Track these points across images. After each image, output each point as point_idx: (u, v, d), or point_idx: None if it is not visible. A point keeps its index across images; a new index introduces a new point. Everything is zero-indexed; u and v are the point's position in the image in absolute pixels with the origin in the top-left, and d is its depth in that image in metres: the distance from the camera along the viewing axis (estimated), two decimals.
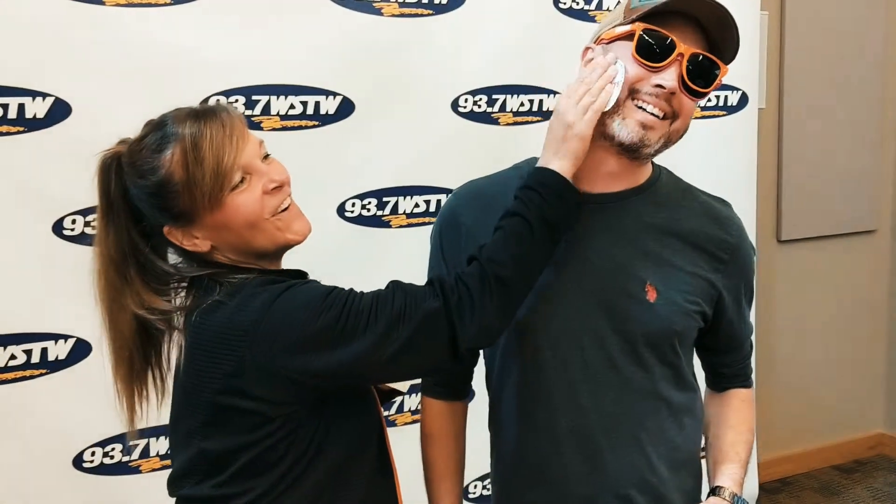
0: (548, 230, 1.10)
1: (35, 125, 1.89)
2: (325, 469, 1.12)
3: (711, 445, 1.32)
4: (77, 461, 2.02)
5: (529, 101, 2.41)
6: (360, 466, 1.17)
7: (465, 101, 2.33)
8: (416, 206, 2.32)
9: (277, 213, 1.13)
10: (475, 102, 2.34)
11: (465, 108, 2.33)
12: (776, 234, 3.27)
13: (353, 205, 2.25)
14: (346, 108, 2.19)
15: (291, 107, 2.13)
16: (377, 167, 2.26)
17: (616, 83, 1.13)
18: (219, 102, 2.02)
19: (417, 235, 2.28)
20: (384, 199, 2.28)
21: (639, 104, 1.13)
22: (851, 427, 3.56)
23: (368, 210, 2.27)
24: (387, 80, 2.23)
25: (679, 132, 1.17)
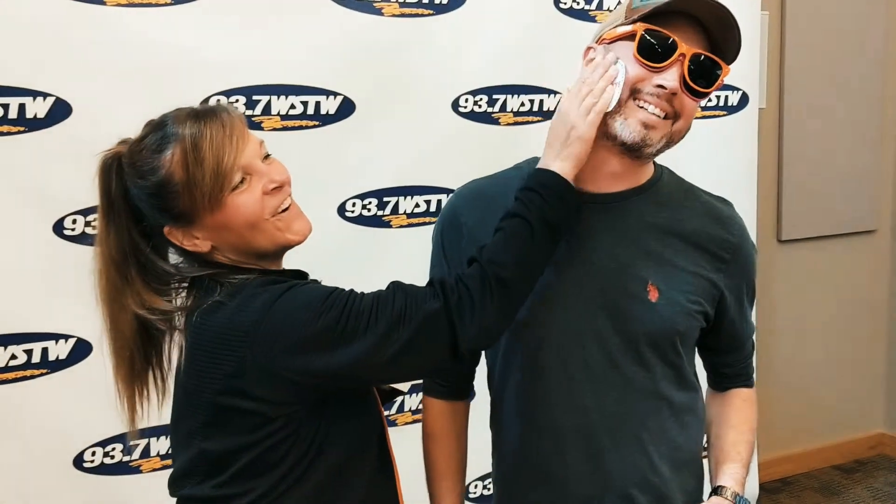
0: (548, 231, 1.10)
1: (36, 125, 1.89)
2: (326, 469, 1.12)
3: (713, 445, 1.32)
4: (77, 461, 2.02)
5: (530, 101, 2.41)
6: (361, 466, 1.17)
7: (466, 101, 2.33)
8: (417, 206, 2.31)
9: (278, 214, 1.13)
10: (476, 102, 2.34)
11: (466, 108, 2.33)
12: (776, 234, 3.27)
13: (354, 205, 2.25)
14: (347, 108, 2.19)
15: (292, 107, 2.13)
16: (378, 167, 2.26)
17: (617, 83, 1.12)
18: (219, 102, 2.02)
19: (418, 235, 2.28)
20: (385, 199, 2.28)
21: (640, 104, 1.13)
22: (852, 427, 3.55)
23: (369, 210, 2.27)
24: (387, 80, 2.23)
25: (681, 132, 1.17)
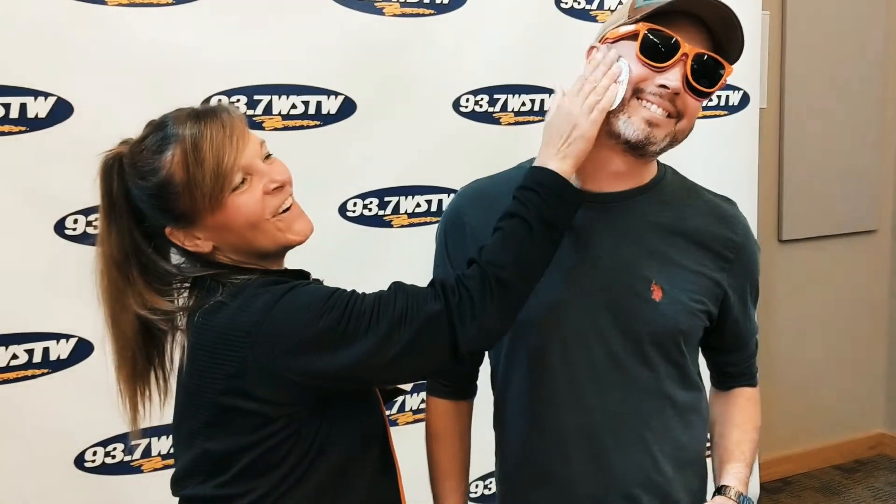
0: (547, 230, 1.09)
1: (37, 125, 1.89)
2: (328, 469, 1.12)
3: (717, 444, 1.32)
4: (79, 461, 2.02)
5: (531, 101, 2.41)
6: (363, 467, 1.16)
7: (467, 101, 2.33)
8: (418, 206, 2.31)
9: (279, 214, 1.13)
10: (477, 102, 2.34)
11: (467, 108, 2.33)
12: (777, 234, 3.27)
13: (355, 204, 2.24)
14: (348, 108, 2.19)
15: (293, 107, 2.13)
16: (379, 167, 2.26)
17: (621, 81, 1.12)
18: (220, 103, 2.02)
19: (419, 235, 2.28)
20: (386, 199, 2.28)
21: (644, 103, 1.13)
22: (852, 427, 3.56)
23: (370, 210, 2.26)
24: (388, 80, 2.23)
25: (684, 131, 1.16)
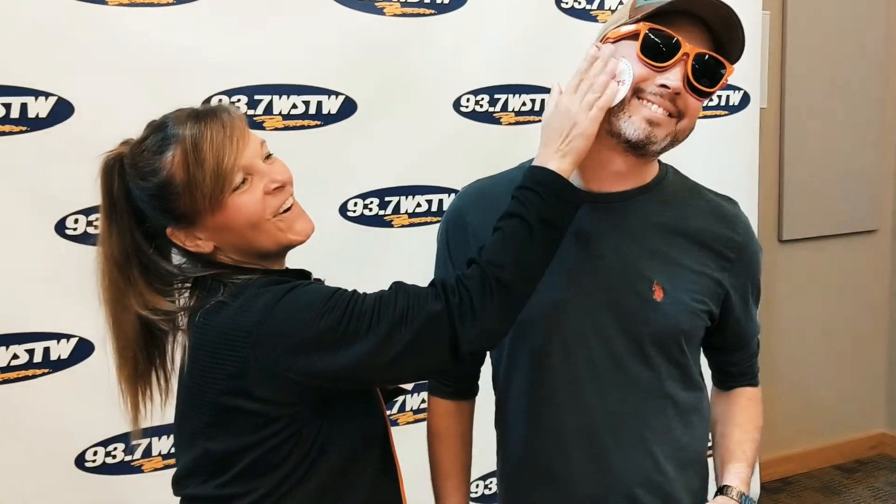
0: (547, 230, 1.08)
1: (37, 125, 1.89)
2: (329, 469, 1.12)
3: (718, 444, 1.32)
4: (79, 461, 2.02)
5: (531, 101, 2.41)
6: (364, 467, 1.16)
7: (467, 101, 2.32)
8: (419, 206, 2.31)
9: (279, 214, 1.13)
10: (477, 102, 2.34)
11: (467, 108, 2.33)
12: (777, 234, 3.27)
13: (356, 204, 2.24)
14: (349, 108, 2.19)
15: (294, 106, 2.13)
16: (379, 167, 2.26)
17: (623, 81, 1.11)
18: (220, 103, 2.02)
19: (419, 235, 2.28)
20: (386, 199, 2.28)
21: (644, 103, 1.13)
22: (852, 427, 3.56)
23: (370, 210, 2.27)
24: (389, 80, 2.23)
25: (685, 131, 1.16)
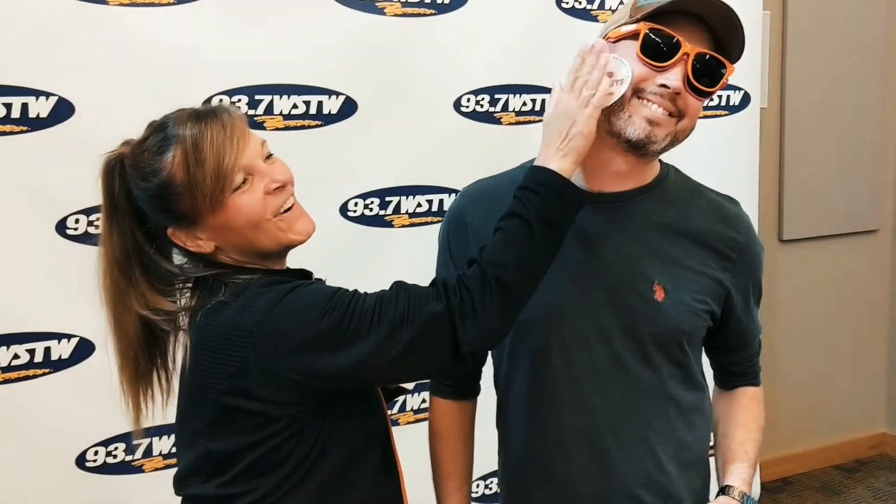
0: (548, 230, 1.08)
1: (38, 124, 1.89)
2: (330, 469, 1.12)
3: (720, 444, 1.32)
4: (80, 460, 2.02)
5: (532, 101, 2.41)
6: (365, 467, 1.17)
7: (468, 101, 2.33)
8: (419, 206, 2.31)
9: (280, 214, 1.13)
10: (477, 102, 2.34)
11: (468, 108, 2.33)
12: (778, 234, 3.27)
13: (356, 204, 2.25)
14: (349, 108, 2.19)
15: (294, 106, 2.13)
16: (380, 167, 2.26)
17: (621, 80, 1.11)
18: (221, 103, 2.02)
19: (420, 235, 2.29)
20: (387, 199, 2.28)
21: (644, 103, 1.12)
22: (853, 426, 3.55)
23: (371, 210, 2.27)
24: (389, 80, 2.23)
25: (686, 131, 1.16)
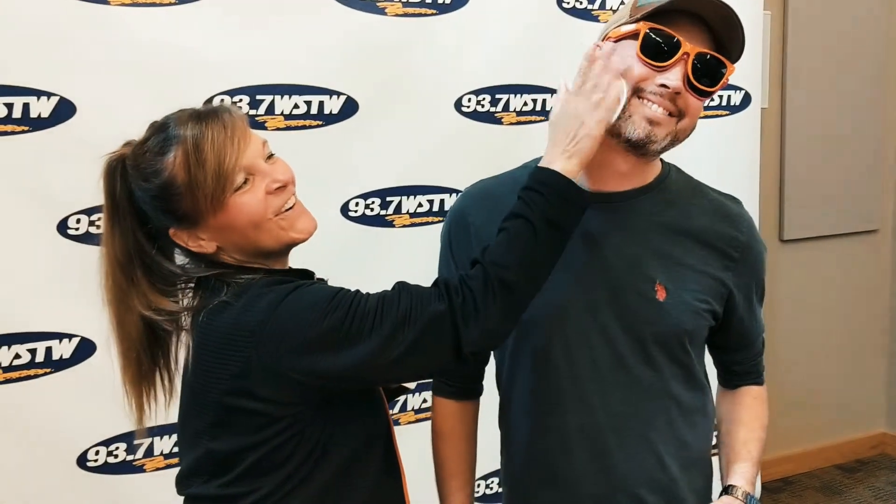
0: (552, 231, 1.08)
1: (39, 124, 1.89)
2: (332, 469, 1.12)
3: (724, 443, 1.32)
4: (81, 460, 2.02)
5: (533, 101, 2.41)
6: (366, 467, 1.17)
7: (469, 101, 2.33)
8: (420, 206, 2.31)
9: (281, 213, 1.13)
10: (478, 102, 2.34)
11: (469, 108, 2.33)
12: (778, 234, 3.27)
13: (357, 204, 2.25)
14: (350, 108, 2.19)
15: (295, 106, 2.13)
16: (381, 167, 2.26)
17: (620, 86, 1.11)
18: (222, 103, 2.02)
19: (421, 235, 2.29)
20: (388, 199, 2.28)
21: (644, 102, 1.12)
22: (853, 426, 3.56)
23: (372, 210, 2.27)
24: (390, 80, 2.23)
25: (686, 131, 1.16)
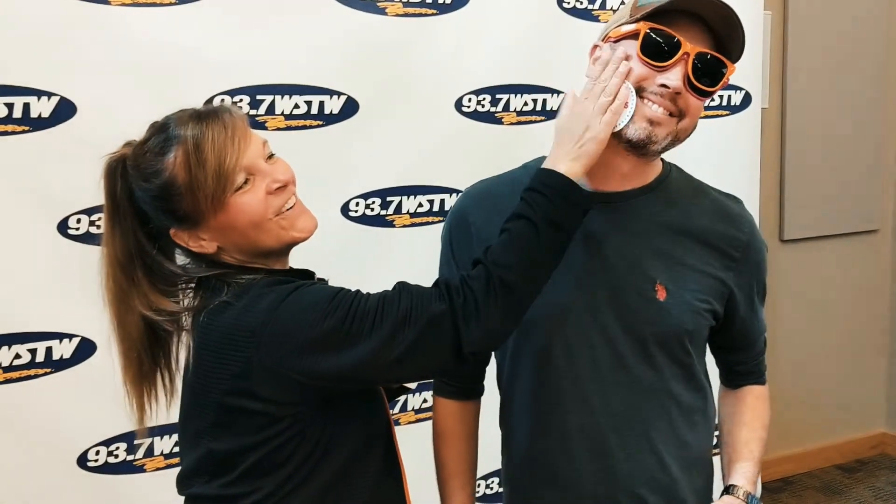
0: (554, 232, 1.08)
1: (40, 124, 1.89)
2: (332, 470, 1.12)
3: (725, 443, 1.32)
4: (81, 460, 2.01)
5: (533, 101, 2.41)
6: (367, 467, 1.17)
7: (469, 101, 2.33)
8: (420, 206, 2.31)
9: (282, 213, 1.13)
10: (479, 102, 2.34)
11: (469, 108, 2.33)
12: (779, 234, 3.27)
13: (357, 204, 2.25)
14: (351, 108, 2.19)
15: (296, 106, 2.13)
16: (381, 167, 2.26)
17: (628, 91, 1.12)
18: (222, 103, 2.02)
19: (421, 235, 2.29)
20: (388, 199, 2.28)
21: (644, 102, 1.12)
22: (853, 426, 3.56)
23: (372, 210, 2.27)
24: (391, 80, 2.23)
25: (687, 130, 1.16)
